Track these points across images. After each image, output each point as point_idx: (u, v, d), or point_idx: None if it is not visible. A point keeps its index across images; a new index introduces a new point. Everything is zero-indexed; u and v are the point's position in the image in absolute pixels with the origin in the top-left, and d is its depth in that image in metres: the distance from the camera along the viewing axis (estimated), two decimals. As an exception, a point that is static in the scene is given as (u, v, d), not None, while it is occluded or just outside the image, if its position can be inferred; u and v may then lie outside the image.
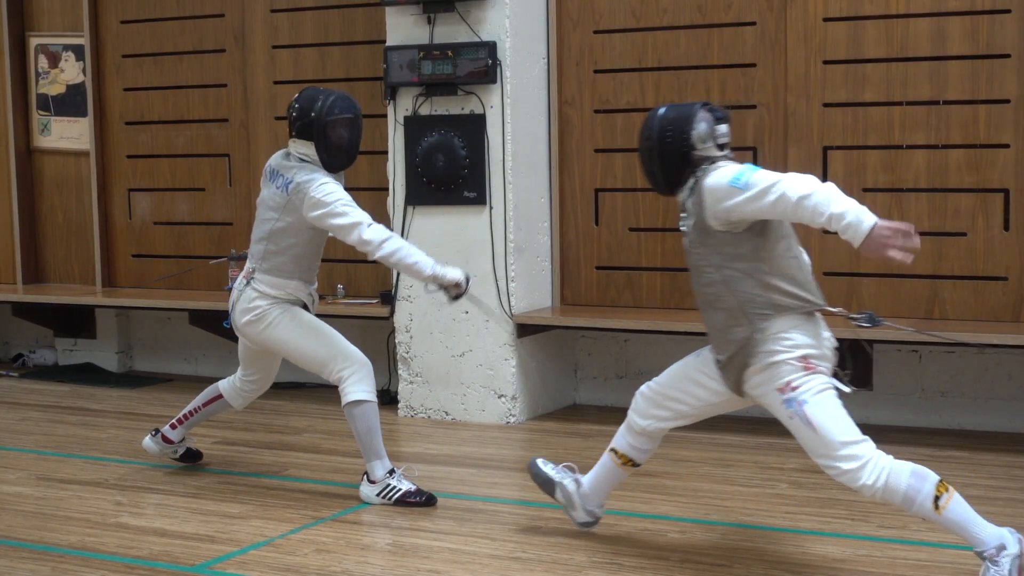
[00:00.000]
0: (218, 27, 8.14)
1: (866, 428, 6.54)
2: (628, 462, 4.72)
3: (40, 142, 8.82)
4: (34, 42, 8.76)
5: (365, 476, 5.40)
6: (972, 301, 6.35)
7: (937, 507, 4.07)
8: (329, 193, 5.21)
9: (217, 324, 7.97)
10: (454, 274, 5.26)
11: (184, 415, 5.92)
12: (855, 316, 4.48)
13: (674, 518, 5.09)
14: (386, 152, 7.12)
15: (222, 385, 5.85)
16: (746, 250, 4.22)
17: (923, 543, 4.67)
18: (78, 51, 8.60)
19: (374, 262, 5.35)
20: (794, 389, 4.22)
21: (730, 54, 6.75)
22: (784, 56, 6.62)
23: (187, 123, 8.31)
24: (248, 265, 5.53)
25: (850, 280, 6.56)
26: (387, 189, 7.12)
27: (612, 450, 4.74)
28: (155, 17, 8.35)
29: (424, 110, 6.93)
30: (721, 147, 4.34)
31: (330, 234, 5.39)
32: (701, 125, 4.31)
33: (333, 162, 5.34)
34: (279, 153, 5.47)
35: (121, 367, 8.76)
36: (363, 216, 5.21)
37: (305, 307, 5.54)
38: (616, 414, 6.93)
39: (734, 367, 4.34)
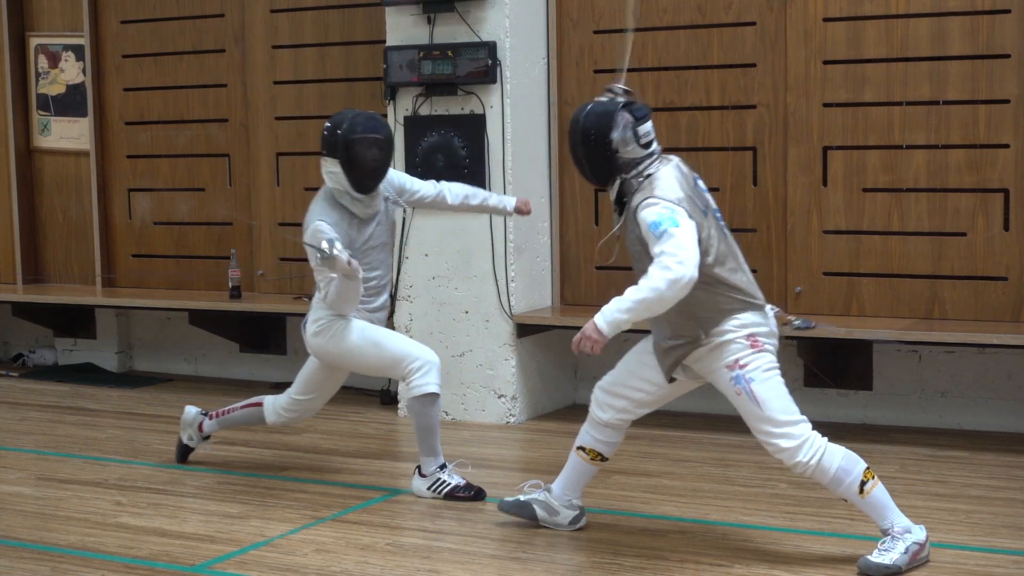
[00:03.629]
0: (218, 27, 8.14)
1: (866, 428, 6.60)
2: (596, 457, 4.82)
3: (40, 142, 8.82)
4: (34, 42, 8.76)
5: (417, 469, 5.49)
6: (972, 301, 6.34)
7: (862, 491, 4.35)
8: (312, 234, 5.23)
9: (217, 324, 7.99)
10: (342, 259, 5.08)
11: (223, 410, 5.96)
12: (792, 319, 4.67)
13: (674, 518, 5.09)
14: (386, 152, 7.12)
15: (267, 397, 5.84)
16: None
17: (923, 543, 4.67)
18: (78, 51, 8.59)
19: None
20: (743, 367, 4.39)
21: (730, 54, 6.75)
22: (784, 56, 6.62)
23: (187, 123, 8.30)
24: None
25: (850, 280, 6.56)
26: (387, 189, 7.12)
27: (579, 448, 4.83)
28: (155, 17, 8.34)
29: (424, 110, 6.93)
30: (646, 145, 4.47)
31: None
32: (619, 129, 4.45)
33: (356, 181, 5.32)
34: None
35: (121, 367, 8.76)
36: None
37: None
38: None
39: (675, 354, 4.51)
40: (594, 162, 4.49)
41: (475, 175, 6.81)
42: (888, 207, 6.49)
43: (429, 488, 5.43)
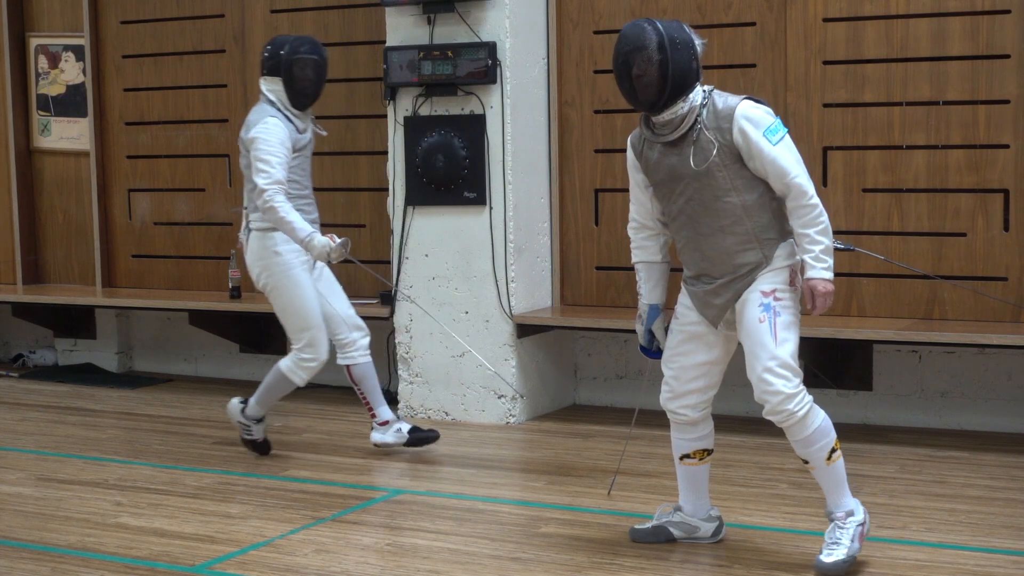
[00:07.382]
0: (218, 27, 8.14)
1: (866, 428, 6.60)
2: (704, 454, 4.70)
3: (40, 142, 8.82)
4: (34, 42, 8.76)
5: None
6: (972, 301, 6.34)
7: (830, 459, 4.38)
8: (266, 139, 5.69)
9: (217, 324, 7.99)
10: (322, 242, 5.61)
11: (364, 401, 6.22)
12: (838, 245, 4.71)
13: (674, 518, 5.08)
14: (386, 152, 7.12)
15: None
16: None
17: (922, 543, 4.67)
18: (78, 51, 8.60)
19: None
20: (777, 299, 4.38)
21: (730, 54, 6.75)
22: (784, 56, 6.62)
23: (187, 123, 8.31)
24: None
25: (850, 280, 6.55)
26: (387, 189, 7.12)
27: (683, 458, 4.69)
28: (155, 17, 8.34)
29: (424, 110, 6.93)
30: None
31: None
32: (697, 38, 4.45)
33: (296, 98, 5.84)
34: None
35: (121, 367, 8.76)
36: (276, 177, 5.65)
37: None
38: (616, 414, 6.97)
39: (733, 288, 4.41)
40: (679, 69, 4.34)
41: (475, 175, 6.82)
42: (888, 207, 6.49)
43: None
